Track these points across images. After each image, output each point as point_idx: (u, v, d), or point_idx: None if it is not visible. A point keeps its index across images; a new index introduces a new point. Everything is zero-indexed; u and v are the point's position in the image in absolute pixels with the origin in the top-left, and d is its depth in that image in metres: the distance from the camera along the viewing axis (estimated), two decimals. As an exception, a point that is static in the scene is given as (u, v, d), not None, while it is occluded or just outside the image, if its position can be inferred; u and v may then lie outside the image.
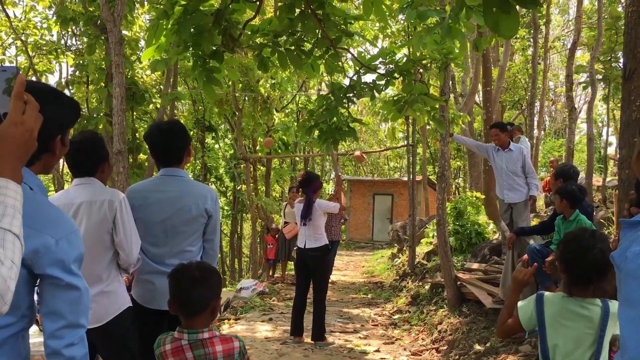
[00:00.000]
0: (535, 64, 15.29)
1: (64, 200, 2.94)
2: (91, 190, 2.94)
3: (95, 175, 3.00)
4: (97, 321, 2.88)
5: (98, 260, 2.91)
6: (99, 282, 2.90)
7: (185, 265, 2.43)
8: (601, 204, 10.87)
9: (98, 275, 2.91)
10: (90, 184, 2.96)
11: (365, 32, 16.01)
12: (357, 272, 14.45)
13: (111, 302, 2.93)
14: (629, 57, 3.19)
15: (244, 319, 7.94)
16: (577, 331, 2.25)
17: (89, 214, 2.88)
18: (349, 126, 6.10)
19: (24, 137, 1.28)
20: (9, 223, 1.22)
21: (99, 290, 2.89)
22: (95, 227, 2.88)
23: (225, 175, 24.34)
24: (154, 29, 4.41)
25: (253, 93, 15.65)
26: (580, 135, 29.07)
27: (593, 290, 2.28)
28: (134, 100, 12.17)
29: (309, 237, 6.45)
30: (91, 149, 2.96)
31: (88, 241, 2.87)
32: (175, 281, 2.37)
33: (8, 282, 1.18)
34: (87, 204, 2.89)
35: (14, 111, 1.27)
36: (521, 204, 7.03)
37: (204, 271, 2.38)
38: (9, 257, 1.19)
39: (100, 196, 2.91)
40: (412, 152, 12.10)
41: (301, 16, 4.78)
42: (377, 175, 35.26)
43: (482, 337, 5.66)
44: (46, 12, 16.31)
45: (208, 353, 2.27)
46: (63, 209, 2.86)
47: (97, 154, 3.00)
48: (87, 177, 2.97)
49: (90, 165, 2.98)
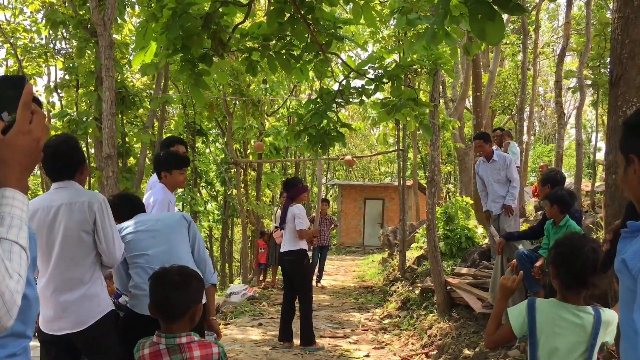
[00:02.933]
0: (524, 70, 15.36)
1: (44, 203, 2.91)
2: (71, 192, 2.91)
3: (74, 178, 2.97)
4: (80, 324, 2.85)
5: (79, 262, 2.88)
6: (80, 285, 2.88)
7: (166, 269, 2.43)
8: (590, 209, 10.93)
9: (79, 278, 2.88)
10: (68, 187, 2.94)
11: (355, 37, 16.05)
12: (347, 277, 14.43)
13: (94, 306, 2.89)
14: (616, 62, 3.21)
15: (233, 324, 7.90)
16: (570, 339, 2.24)
17: (69, 216, 2.85)
18: (337, 131, 6.10)
19: (31, 147, 1.27)
20: (15, 234, 1.21)
21: (81, 294, 2.87)
22: (75, 229, 2.85)
23: (216, 179, 24.27)
24: (143, 32, 4.39)
25: (244, 97, 15.62)
26: (569, 141, 29.28)
27: (585, 294, 2.28)
28: (123, 104, 12.10)
29: (286, 241, 6.46)
30: (68, 153, 2.93)
31: (68, 243, 2.85)
32: (156, 285, 2.37)
33: (15, 296, 1.17)
34: (67, 205, 2.86)
35: (21, 120, 1.26)
36: (505, 214, 7.05)
37: (184, 276, 2.37)
38: (16, 270, 1.18)
39: (80, 197, 2.89)
40: (402, 157, 12.12)
41: (291, 20, 4.78)
42: (368, 180, 35.29)
43: (472, 342, 5.66)
44: (35, 15, 16.22)
45: (185, 358, 2.27)
46: (42, 212, 2.87)
47: (74, 157, 2.97)
48: (66, 181, 2.95)
49: (68, 170, 2.95)
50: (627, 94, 3.16)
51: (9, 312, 1.15)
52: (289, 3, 4.67)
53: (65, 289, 2.86)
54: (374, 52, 6.90)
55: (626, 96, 3.16)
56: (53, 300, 2.87)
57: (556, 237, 4.00)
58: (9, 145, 1.24)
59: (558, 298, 2.32)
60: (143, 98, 13.34)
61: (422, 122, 5.97)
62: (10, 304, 1.15)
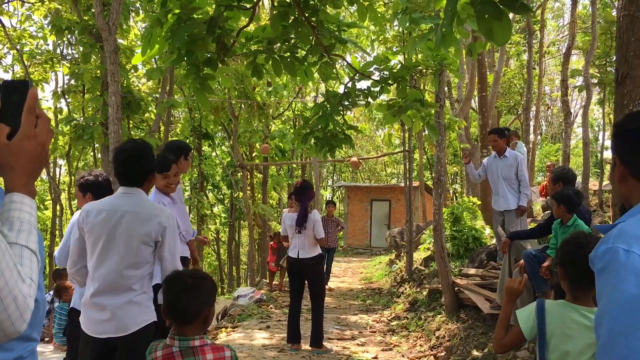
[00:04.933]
0: (530, 69, 15.33)
1: (110, 206, 2.94)
2: (137, 201, 2.95)
3: (142, 186, 3.01)
4: (123, 330, 2.86)
5: (133, 271, 2.90)
6: (129, 292, 2.89)
7: (179, 272, 2.45)
8: (598, 208, 10.88)
9: (129, 285, 2.89)
10: (136, 194, 2.98)
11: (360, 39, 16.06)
12: (355, 279, 14.41)
13: (139, 312, 2.91)
14: (621, 61, 3.20)
15: (241, 327, 7.90)
16: (580, 342, 2.21)
17: (132, 224, 2.88)
18: (344, 133, 6.10)
19: (37, 151, 1.28)
20: (25, 239, 1.22)
21: (128, 300, 2.88)
22: (136, 238, 2.87)
23: (222, 182, 24.32)
24: (148, 37, 4.41)
25: (249, 100, 15.65)
26: (576, 140, 29.15)
27: (594, 294, 2.26)
28: (129, 108, 12.14)
29: (303, 247, 6.40)
30: (140, 160, 2.98)
31: (127, 251, 2.88)
32: (168, 288, 2.38)
33: (28, 300, 1.17)
34: (133, 214, 2.90)
35: (26, 125, 1.26)
36: (512, 212, 7.06)
37: (196, 279, 2.38)
38: (27, 275, 1.19)
39: (147, 209, 2.93)
40: (408, 158, 12.10)
41: (295, 23, 4.79)
42: (374, 182, 35.26)
43: (480, 343, 5.63)
44: (42, 21, 16.33)
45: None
46: (107, 215, 2.91)
47: (146, 165, 3.00)
48: (134, 188, 2.99)
49: (139, 177, 2.99)
50: (633, 93, 3.15)
51: (22, 316, 1.16)
52: (293, 6, 4.68)
53: (114, 294, 2.88)
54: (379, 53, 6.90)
55: (632, 94, 3.15)
56: (100, 303, 2.89)
57: (564, 237, 3.97)
58: (15, 151, 1.25)
59: (567, 299, 2.29)
60: (149, 102, 13.38)
61: (428, 122, 5.96)
62: (23, 308, 1.16)
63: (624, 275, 1.32)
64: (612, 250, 1.36)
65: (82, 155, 17.33)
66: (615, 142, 1.55)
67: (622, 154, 1.51)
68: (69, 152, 17.58)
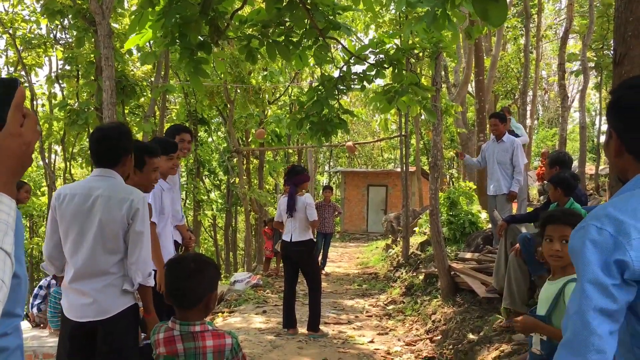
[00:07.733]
0: (527, 53, 15.27)
1: (83, 190, 2.89)
2: (110, 184, 2.89)
3: (116, 168, 2.93)
4: (103, 313, 2.83)
5: (110, 255, 2.87)
6: (106, 275, 2.86)
7: (182, 257, 2.44)
8: (594, 192, 10.90)
9: (106, 269, 2.86)
10: (110, 177, 2.91)
11: (356, 22, 15.94)
12: (351, 264, 14.45)
13: (120, 294, 2.88)
14: (619, 41, 3.16)
15: (238, 311, 7.92)
16: None
17: (106, 209, 2.83)
18: (339, 118, 6.05)
19: (21, 150, 1.23)
20: (0, 240, 1.17)
21: (107, 283, 2.85)
22: (110, 223, 2.83)
23: (218, 168, 24.27)
24: (138, 18, 4.33)
25: (244, 84, 15.55)
26: (573, 124, 29.14)
27: None
28: (124, 93, 12.05)
29: (295, 230, 6.38)
30: (115, 139, 2.90)
31: (102, 236, 2.84)
32: (170, 272, 2.36)
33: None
34: (105, 198, 2.84)
35: (11, 122, 1.22)
36: (503, 197, 7.08)
37: (199, 264, 2.35)
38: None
39: (121, 193, 2.86)
40: (405, 143, 12.07)
41: (289, 6, 4.72)
42: (371, 167, 35.24)
43: (476, 327, 5.65)
44: (34, 4, 16.14)
45: (198, 347, 2.27)
46: (80, 198, 2.87)
47: (120, 145, 2.92)
48: (108, 170, 2.92)
49: (112, 157, 2.92)
50: (631, 73, 3.11)
51: None
52: (288, -12, 4.61)
53: (92, 278, 2.85)
54: (375, 37, 6.84)
55: (630, 74, 3.11)
56: (79, 288, 2.87)
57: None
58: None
59: None
60: (144, 87, 13.27)
61: (425, 106, 5.93)
62: None
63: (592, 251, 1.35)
64: (584, 227, 1.39)
65: (78, 141, 17.20)
66: (611, 115, 1.50)
67: (620, 131, 1.47)
68: (63, 138, 17.48)
